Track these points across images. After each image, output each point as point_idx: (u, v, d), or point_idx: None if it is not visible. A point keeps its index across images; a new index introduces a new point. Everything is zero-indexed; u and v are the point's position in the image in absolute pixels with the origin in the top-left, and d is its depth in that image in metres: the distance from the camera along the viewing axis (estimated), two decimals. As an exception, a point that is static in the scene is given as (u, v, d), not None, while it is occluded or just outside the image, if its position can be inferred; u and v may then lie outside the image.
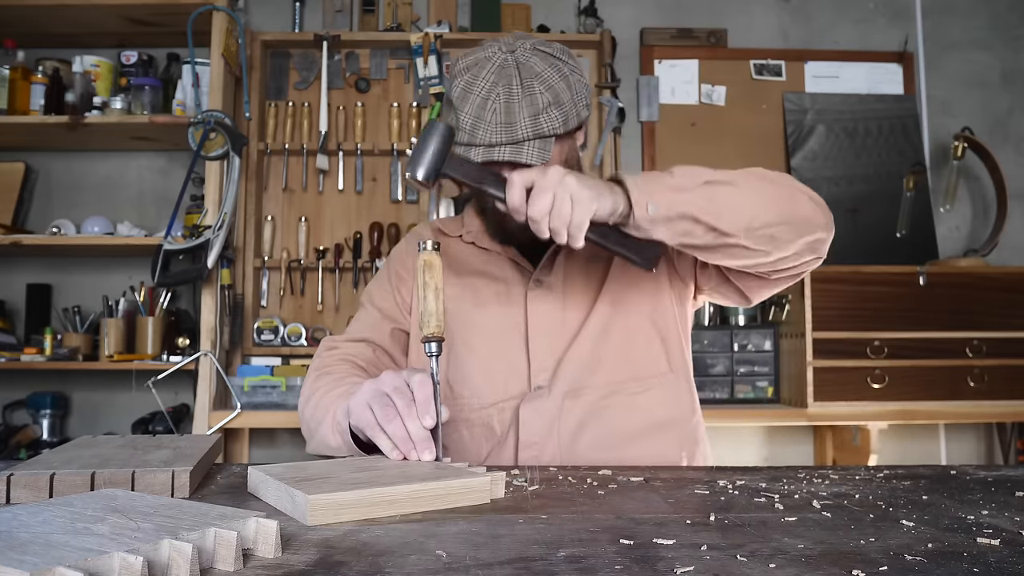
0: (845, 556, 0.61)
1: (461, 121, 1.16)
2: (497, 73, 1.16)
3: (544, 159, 1.15)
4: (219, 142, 2.53)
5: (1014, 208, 2.92)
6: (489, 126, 1.14)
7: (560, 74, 1.18)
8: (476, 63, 1.18)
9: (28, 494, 0.77)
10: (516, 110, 1.14)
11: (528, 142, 1.15)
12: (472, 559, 0.60)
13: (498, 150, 1.14)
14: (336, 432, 1.08)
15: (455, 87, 1.18)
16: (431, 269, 0.99)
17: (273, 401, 2.51)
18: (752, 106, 2.99)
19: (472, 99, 1.15)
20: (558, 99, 1.16)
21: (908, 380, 2.45)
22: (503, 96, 1.14)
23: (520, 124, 1.14)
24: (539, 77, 1.16)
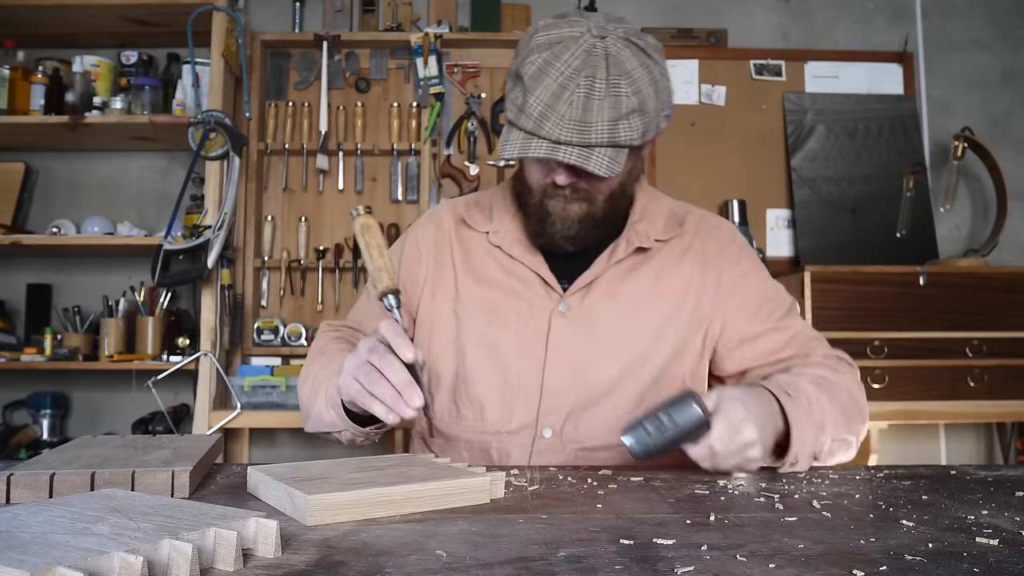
0: (845, 556, 0.61)
1: (528, 104, 1.03)
2: (582, 59, 1.01)
3: (613, 171, 1.03)
4: (219, 142, 2.53)
5: (1014, 208, 2.92)
6: (561, 120, 1.01)
7: (650, 77, 1.04)
8: (560, 40, 1.03)
9: (28, 494, 0.77)
10: (595, 109, 1.01)
11: (600, 148, 1.03)
12: (472, 559, 0.60)
13: (564, 150, 1.02)
14: (329, 407, 1.05)
15: (529, 62, 1.03)
16: (369, 230, 1.00)
17: (273, 401, 2.51)
18: (752, 106, 2.99)
19: (547, 83, 1.01)
20: (643, 106, 1.03)
21: (908, 380, 2.45)
22: (584, 89, 1.00)
23: (596, 126, 1.01)
24: (628, 76, 1.02)
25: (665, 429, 0.92)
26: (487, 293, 1.20)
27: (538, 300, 1.18)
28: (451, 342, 1.20)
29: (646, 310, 1.18)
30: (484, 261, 1.22)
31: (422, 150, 2.82)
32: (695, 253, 1.22)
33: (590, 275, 1.18)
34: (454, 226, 1.27)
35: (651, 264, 1.20)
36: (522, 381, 1.16)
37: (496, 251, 1.22)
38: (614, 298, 1.17)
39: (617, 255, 1.18)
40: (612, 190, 1.13)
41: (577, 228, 1.13)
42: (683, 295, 1.19)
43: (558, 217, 1.12)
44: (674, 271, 1.20)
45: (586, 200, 1.12)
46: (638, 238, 1.18)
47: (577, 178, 1.09)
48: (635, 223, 1.20)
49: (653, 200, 1.25)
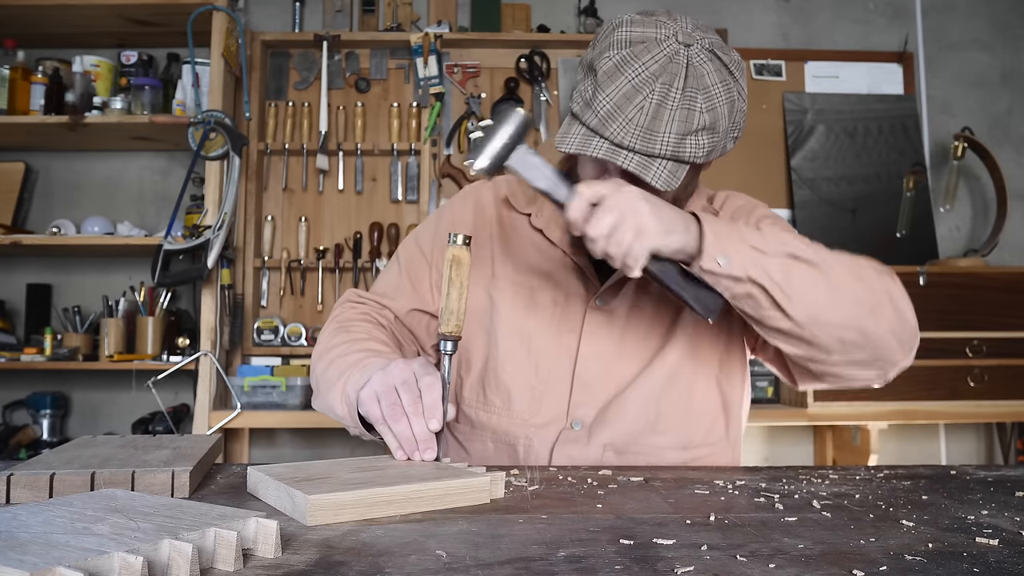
0: (845, 556, 0.61)
1: (597, 101, 0.99)
2: (662, 64, 0.97)
3: (671, 186, 0.99)
4: (219, 142, 2.53)
5: (1014, 208, 2.92)
6: (628, 123, 0.97)
7: (728, 96, 1.01)
8: (643, 40, 0.99)
9: (28, 494, 0.77)
10: (666, 118, 0.97)
11: (661, 160, 0.99)
12: (472, 559, 0.60)
13: (624, 155, 0.98)
14: (343, 404, 1.03)
15: (607, 57, 0.99)
16: (459, 266, 0.93)
17: (273, 401, 2.51)
18: (752, 106, 2.99)
19: (621, 82, 0.98)
20: (715, 124, 1.00)
21: (908, 380, 2.45)
22: (658, 95, 0.97)
23: (663, 137, 0.97)
24: (706, 91, 0.98)
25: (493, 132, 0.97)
26: (524, 279, 1.17)
27: (575, 290, 1.16)
28: (483, 326, 1.18)
29: (669, 304, 1.16)
30: (523, 245, 1.19)
31: (422, 150, 2.82)
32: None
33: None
34: (494, 205, 1.23)
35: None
36: (553, 373, 1.14)
37: (537, 235, 1.19)
38: (649, 293, 1.15)
39: None
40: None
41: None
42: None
43: None
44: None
45: None
46: None
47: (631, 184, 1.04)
48: None
49: (696, 197, 1.23)
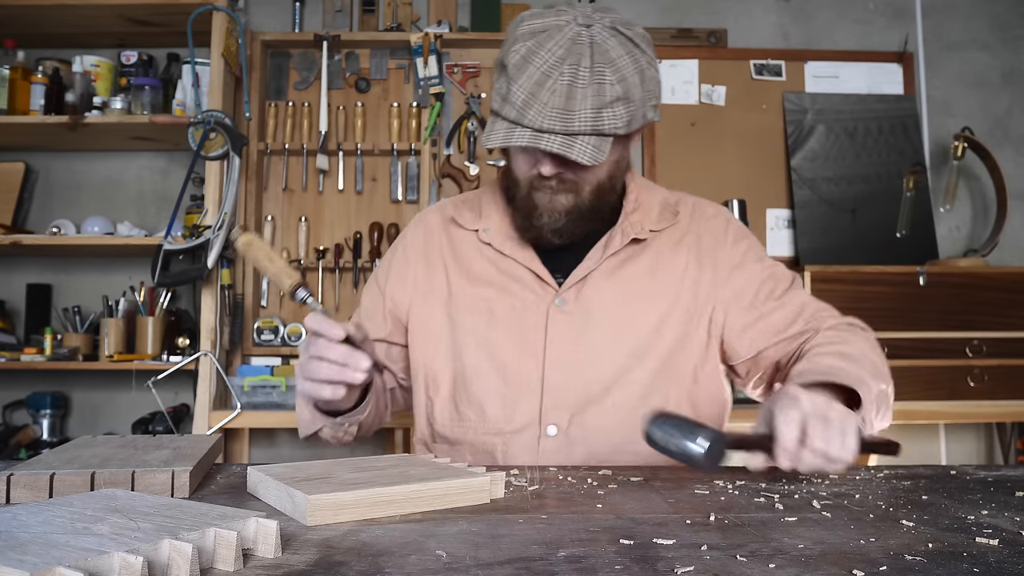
0: (845, 556, 0.61)
1: (512, 94, 1.02)
2: (566, 47, 1.01)
3: (597, 160, 1.02)
4: (219, 142, 2.53)
5: (1014, 208, 2.92)
6: (544, 108, 1.00)
7: (636, 66, 1.04)
8: (544, 29, 1.03)
9: (28, 494, 0.77)
10: (579, 96, 1.00)
11: (584, 136, 1.02)
12: (472, 559, 0.60)
13: (547, 138, 1.01)
14: (304, 406, 1.10)
15: (513, 52, 1.03)
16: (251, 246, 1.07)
17: (273, 401, 2.50)
18: (752, 106, 2.99)
19: (531, 71, 1.01)
20: (628, 94, 1.03)
21: (908, 380, 2.45)
22: (567, 76, 1.00)
23: (580, 114, 1.00)
24: (613, 64, 1.01)
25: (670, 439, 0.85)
26: (481, 291, 1.18)
27: (533, 296, 1.16)
28: (447, 345, 1.19)
29: (643, 302, 1.16)
30: (475, 259, 1.21)
31: (422, 150, 2.82)
32: (690, 242, 1.21)
33: (585, 268, 1.16)
34: (443, 226, 1.26)
35: (646, 255, 1.19)
36: (522, 379, 1.14)
37: (487, 248, 1.20)
38: (611, 291, 1.16)
39: (612, 247, 1.16)
40: (599, 181, 1.12)
41: (564, 220, 1.12)
42: (680, 285, 1.18)
43: (545, 210, 1.11)
44: (670, 261, 1.19)
45: (572, 191, 1.11)
46: (633, 229, 1.17)
47: (563, 168, 1.08)
48: (629, 214, 1.19)
49: (646, 190, 1.24)
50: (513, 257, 1.18)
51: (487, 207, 1.23)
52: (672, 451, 0.83)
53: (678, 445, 0.82)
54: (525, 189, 1.12)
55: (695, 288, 1.18)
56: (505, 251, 1.18)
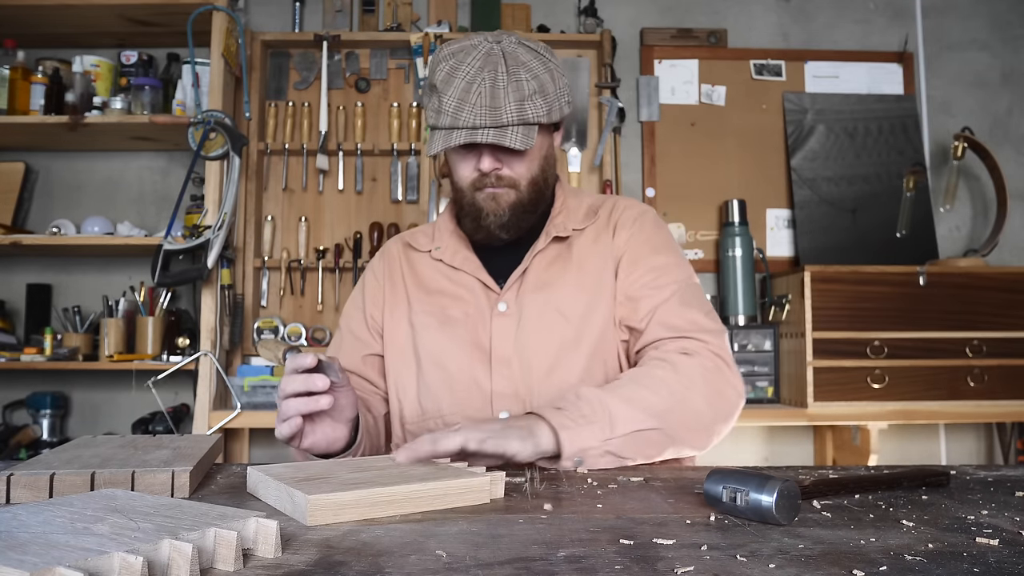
0: (845, 556, 0.61)
1: (444, 104, 1.16)
2: (483, 60, 1.16)
3: (528, 145, 1.15)
4: (219, 142, 2.53)
5: (1014, 208, 2.92)
6: (473, 108, 1.14)
7: (545, 67, 1.18)
8: (462, 50, 1.18)
9: (28, 494, 0.77)
10: (502, 95, 1.14)
11: (513, 127, 1.15)
12: (472, 559, 0.60)
13: (481, 132, 1.14)
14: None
15: (439, 71, 1.18)
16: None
17: (273, 401, 2.50)
18: (752, 106, 2.99)
19: (456, 83, 1.15)
20: (543, 88, 1.17)
21: (908, 380, 2.45)
22: (488, 81, 1.14)
23: (505, 108, 1.14)
24: (525, 66, 1.16)
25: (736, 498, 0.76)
26: (437, 300, 1.29)
27: (480, 302, 1.26)
28: (411, 351, 1.29)
29: (571, 295, 1.24)
30: (431, 275, 1.32)
31: (422, 150, 2.82)
32: (607, 231, 1.30)
33: (519, 270, 1.26)
34: (402, 251, 1.38)
35: (572, 250, 1.29)
36: (474, 381, 1.23)
37: (439, 264, 1.32)
38: (542, 288, 1.25)
39: (539, 246, 1.27)
40: (533, 175, 1.24)
41: (508, 215, 1.23)
42: (602, 271, 1.26)
43: (490, 209, 1.22)
44: (591, 251, 1.28)
45: (511, 187, 1.22)
46: (556, 229, 1.28)
47: (499, 163, 1.20)
48: (555, 217, 1.31)
49: (573, 196, 1.35)
50: (463, 269, 1.29)
51: (439, 230, 1.35)
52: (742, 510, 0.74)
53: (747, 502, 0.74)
54: (469, 194, 1.24)
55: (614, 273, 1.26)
56: (455, 264, 1.30)
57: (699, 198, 2.93)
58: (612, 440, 1.05)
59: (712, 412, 1.14)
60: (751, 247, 2.78)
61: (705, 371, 1.14)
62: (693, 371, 1.13)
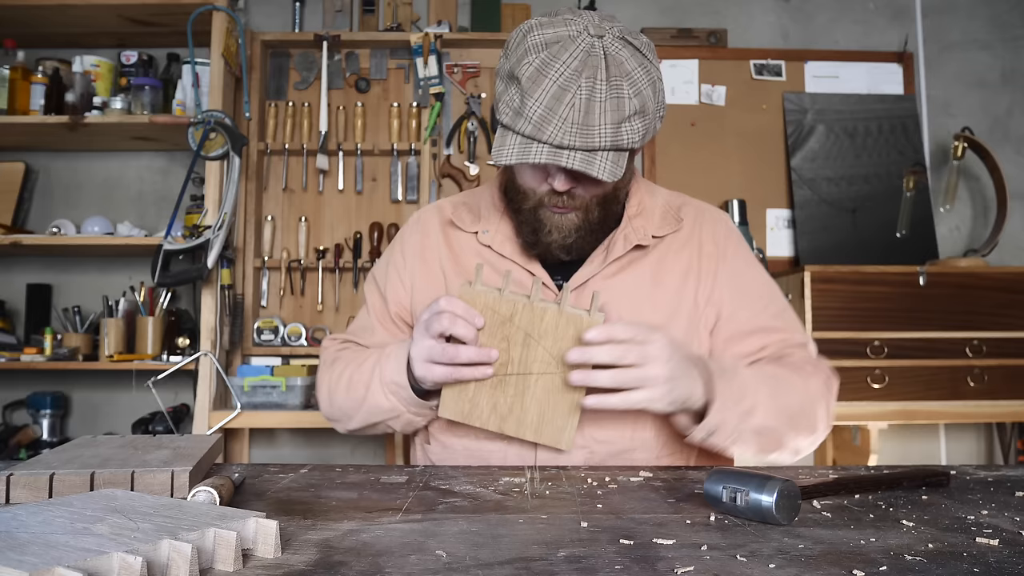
0: (845, 556, 0.61)
1: (527, 107, 0.99)
2: (582, 60, 0.98)
3: (616, 176, 1.01)
4: (219, 142, 2.53)
5: (1014, 208, 2.92)
6: (563, 123, 0.98)
7: (648, 78, 1.02)
8: (557, 40, 1.00)
9: (28, 494, 0.77)
10: (598, 111, 0.98)
11: (603, 152, 1.00)
12: (472, 559, 0.60)
13: (567, 155, 0.99)
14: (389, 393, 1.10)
15: (526, 63, 1.00)
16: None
17: (273, 401, 2.50)
18: (752, 106, 2.99)
19: (547, 84, 0.98)
20: (644, 108, 1.01)
21: (908, 380, 2.45)
22: (585, 91, 0.97)
23: (600, 129, 0.99)
24: (629, 77, 1.00)
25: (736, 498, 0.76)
26: None
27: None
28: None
29: (644, 310, 1.15)
30: (473, 263, 1.18)
31: (422, 150, 2.82)
32: (692, 248, 1.20)
33: (585, 273, 1.15)
34: (440, 228, 1.24)
35: (648, 261, 1.18)
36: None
37: (486, 251, 1.19)
38: (611, 295, 1.13)
39: (614, 253, 1.15)
40: (607, 194, 1.11)
41: (574, 238, 1.11)
42: (681, 294, 1.17)
43: (555, 227, 1.10)
44: (671, 268, 1.18)
45: (582, 208, 1.10)
46: (636, 235, 1.16)
47: (575, 183, 1.07)
48: (632, 218, 1.18)
49: (648, 194, 1.23)
50: (513, 260, 1.17)
51: (487, 210, 1.22)
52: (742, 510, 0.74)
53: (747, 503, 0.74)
54: (532, 204, 1.10)
55: (695, 296, 1.18)
56: (505, 253, 1.17)
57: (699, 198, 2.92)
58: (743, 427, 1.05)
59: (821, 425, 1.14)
60: (751, 247, 2.77)
61: (828, 388, 1.16)
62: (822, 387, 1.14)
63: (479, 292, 0.99)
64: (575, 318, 0.96)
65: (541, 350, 0.98)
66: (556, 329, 0.97)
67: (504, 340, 0.99)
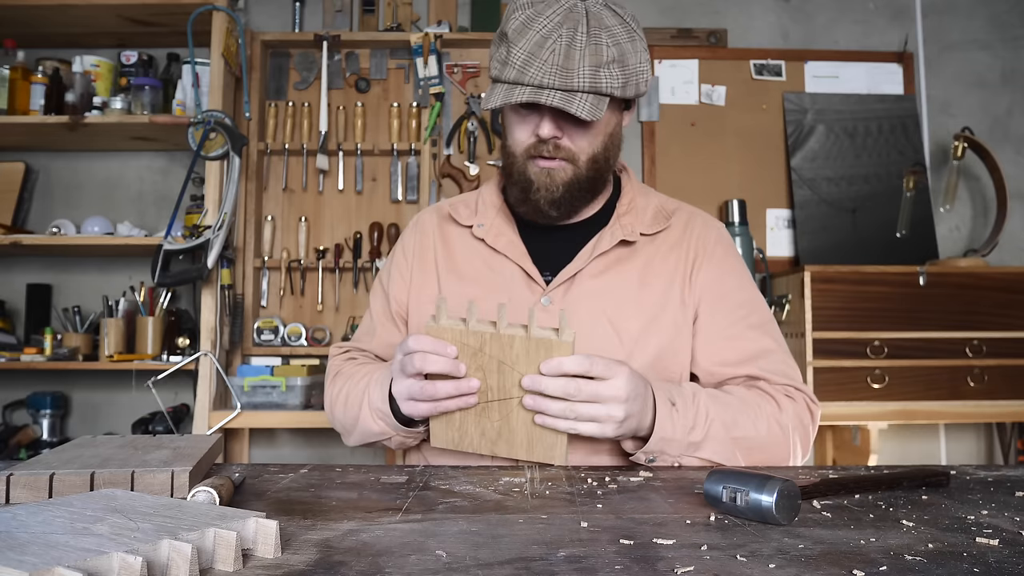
0: (845, 556, 0.61)
1: (512, 55, 1.05)
2: (564, 15, 1.05)
3: (596, 116, 1.05)
4: (219, 142, 2.53)
5: (1014, 208, 2.92)
6: (544, 64, 1.04)
7: (630, 36, 1.08)
8: (543, 0, 1.07)
9: (28, 494, 0.77)
10: (577, 56, 1.03)
11: (582, 94, 1.05)
12: (472, 559, 0.60)
13: (547, 93, 1.04)
14: (377, 420, 1.11)
15: (512, 20, 1.07)
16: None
17: (273, 401, 2.50)
18: (752, 106, 2.99)
19: (530, 35, 1.05)
20: (623, 58, 1.06)
21: (908, 380, 2.45)
22: (566, 38, 1.04)
23: (579, 71, 1.04)
24: (608, 30, 1.06)
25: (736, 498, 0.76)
26: (468, 290, 1.18)
27: (519, 294, 1.17)
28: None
29: (629, 308, 1.16)
30: (466, 257, 1.22)
31: (422, 150, 2.82)
32: (681, 251, 1.21)
33: (573, 268, 1.16)
34: (437, 225, 1.28)
35: (636, 258, 1.19)
36: None
37: (479, 245, 1.21)
38: (598, 293, 1.16)
39: (601, 247, 1.17)
40: (595, 152, 1.14)
41: (561, 191, 1.13)
42: (666, 293, 1.18)
43: (542, 183, 1.13)
44: (659, 267, 1.19)
45: (569, 160, 1.12)
46: (623, 231, 1.18)
47: (560, 132, 1.10)
48: (621, 215, 1.20)
49: (641, 194, 1.25)
50: (505, 254, 1.19)
51: (483, 205, 1.25)
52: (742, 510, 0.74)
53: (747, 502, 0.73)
54: (522, 161, 1.14)
55: (681, 298, 1.19)
56: (498, 247, 1.19)
57: (699, 198, 2.93)
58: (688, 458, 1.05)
59: (786, 459, 1.13)
60: (751, 247, 2.77)
61: (800, 422, 1.13)
62: (793, 419, 1.12)
63: (444, 328, 0.97)
64: (544, 342, 0.94)
65: (516, 374, 0.96)
66: (527, 354, 0.95)
67: (479, 370, 0.97)
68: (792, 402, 1.13)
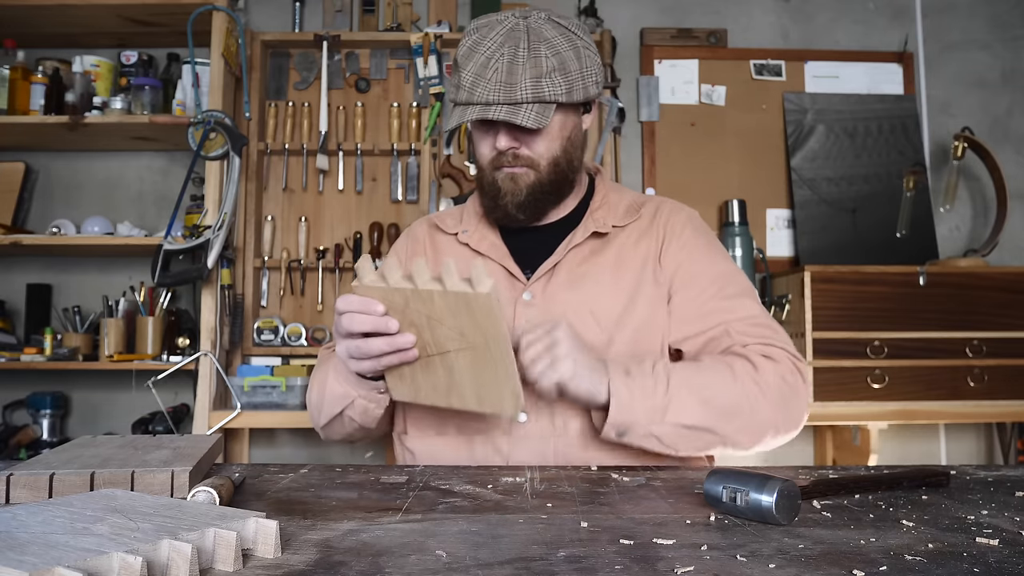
0: (845, 556, 0.61)
1: (462, 79, 1.15)
2: (505, 35, 1.14)
3: (541, 123, 1.12)
4: (219, 142, 2.53)
5: (1014, 208, 2.92)
6: (488, 83, 1.12)
7: (571, 44, 1.15)
8: (487, 24, 1.17)
9: (28, 494, 0.77)
10: (519, 71, 1.12)
11: (527, 104, 1.13)
12: (472, 559, 0.60)
13: (494, 109, 1.12)
14: (340, 381, 1.14)
15: (461, 47, 1.17)
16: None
17: (273, 401, 2.50)
18: (752, 106, 2.99)
19: (476, 58, 1.14)
20: (564, 66, 1.14)
21: (908, 380, 2.45)
22: (507, 56, 1.13)
23: (521, 85, 1.12)
24: (548, 43, 1.14)
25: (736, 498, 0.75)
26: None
27: (504, 288, 1.22)
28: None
29: (606, 294, 1.21)
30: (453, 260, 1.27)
31: (422, 150, 2.82)
32: (651, 235, 1.26)
33: (550, 262, 1.23)
34: (428, 233, 1.36)
35: (610, 249, 1.25)
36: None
37: (465, 249, 1.28)
38: (575, 283, 1.22)
39: (575, 240, 1.23)
40: (554, 156, 1.20)
41: (525, 195, 1.20)
42: (640, 276, 1.23)
43: (507, 189, 1.20)
44: (631, 253, 1.25)
45: (530, 166, 1.19)
46: (596, 224, 1.25)
47: (516, 142, 1.18)
48: (594, 211, 1.27)
49: (614, 191, 1.32)
50: (488, 255, 1.26)
51: (467, 214, 1.33)
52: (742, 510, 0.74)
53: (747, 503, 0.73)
54: (489, 172, 1.22)
55: (654, 277, 1.23)
56: (481, 250, 1.26)
57: (699, 198, 2.93)
58: (659, 426, 1.06)
59: (776, 422, 1.13)
60: (751, 247, 2.77)
61: (783, 380, 1.13)
62: (773, 377, 1.12)
63: (368, 287, 0.99)
64: (461, 296, 0.93)
65: (445, 329, 0.97)
66: (449, 308, 0.95)
67: (412, 325, 0.99)
68: (771, 362, 1.13)
